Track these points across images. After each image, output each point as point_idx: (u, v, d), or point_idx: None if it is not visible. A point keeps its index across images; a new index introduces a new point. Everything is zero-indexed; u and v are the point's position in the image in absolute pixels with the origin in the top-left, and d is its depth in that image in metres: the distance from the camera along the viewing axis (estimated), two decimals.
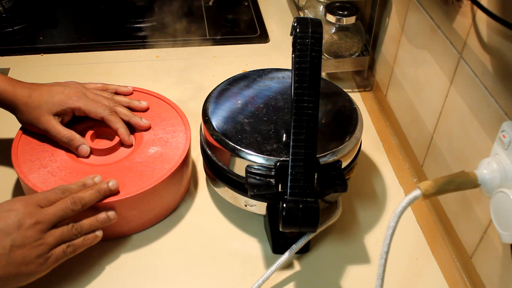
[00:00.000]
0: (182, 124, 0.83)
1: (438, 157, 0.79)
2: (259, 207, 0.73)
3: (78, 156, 0.78)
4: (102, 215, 0.70)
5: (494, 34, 0.62)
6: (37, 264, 0.63)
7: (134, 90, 0.88)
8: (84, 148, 0.77)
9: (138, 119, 0.81)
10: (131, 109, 0.83)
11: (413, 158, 0.88)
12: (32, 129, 0.79)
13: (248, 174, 0.69)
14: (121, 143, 0.80)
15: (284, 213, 0.62)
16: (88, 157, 0.78)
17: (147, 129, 0.82)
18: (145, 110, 0.84)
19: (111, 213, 0.70)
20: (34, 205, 0.64)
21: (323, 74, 1.04)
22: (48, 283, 0.69)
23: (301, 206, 0.62)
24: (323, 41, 0.95)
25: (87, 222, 0.68)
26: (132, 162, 0.77)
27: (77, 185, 0.69)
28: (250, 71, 0.84)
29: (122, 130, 0.79)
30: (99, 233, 0.70)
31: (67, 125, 0.79)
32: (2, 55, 1.07)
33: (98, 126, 0.81)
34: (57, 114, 0.77)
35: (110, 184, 0.70)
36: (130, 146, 0.80)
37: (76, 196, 0.67)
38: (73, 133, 0.77)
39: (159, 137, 0.81)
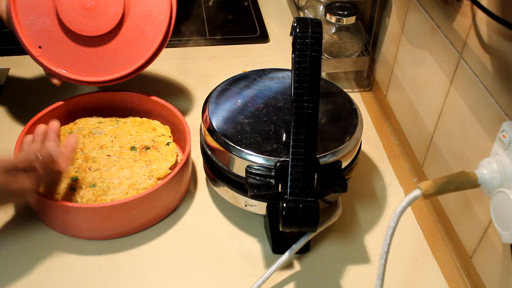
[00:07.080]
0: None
1: (438, 157, 0.79)
2: (259, 207, 0.73)
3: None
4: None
5: (494, 34, 0.62)
6: None
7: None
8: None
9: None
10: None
11: (413, 158, 0.88)
12: None
13: (248, 174, 0.68)
14: None
15: (284, 213, 0.62)
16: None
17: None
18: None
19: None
20: None
21: (323, 74, 1.04)
22: (47, 283, 0.69)
23: (301, 206, 0.62)
24: (323, 41, 0.96)
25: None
26: None
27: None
28: (250, 71, 0.84)
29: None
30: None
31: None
32: (2, 55, 1.07)
33: None
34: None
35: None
36: None
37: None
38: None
39: None
